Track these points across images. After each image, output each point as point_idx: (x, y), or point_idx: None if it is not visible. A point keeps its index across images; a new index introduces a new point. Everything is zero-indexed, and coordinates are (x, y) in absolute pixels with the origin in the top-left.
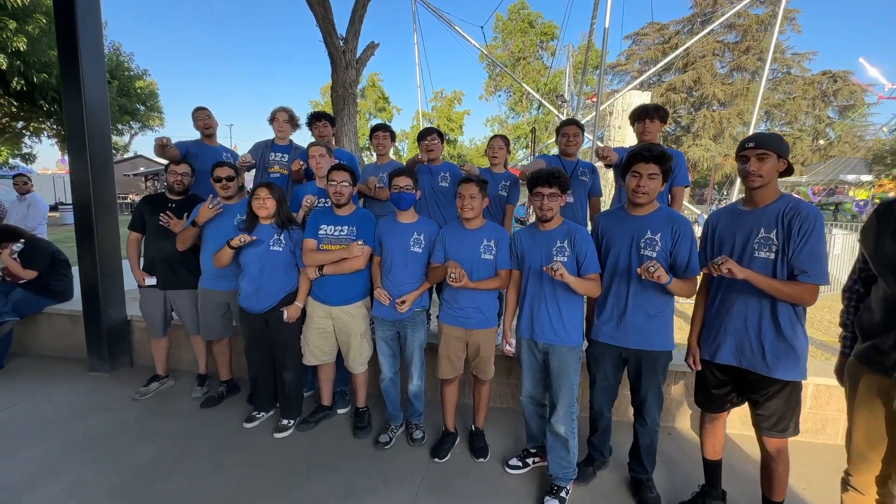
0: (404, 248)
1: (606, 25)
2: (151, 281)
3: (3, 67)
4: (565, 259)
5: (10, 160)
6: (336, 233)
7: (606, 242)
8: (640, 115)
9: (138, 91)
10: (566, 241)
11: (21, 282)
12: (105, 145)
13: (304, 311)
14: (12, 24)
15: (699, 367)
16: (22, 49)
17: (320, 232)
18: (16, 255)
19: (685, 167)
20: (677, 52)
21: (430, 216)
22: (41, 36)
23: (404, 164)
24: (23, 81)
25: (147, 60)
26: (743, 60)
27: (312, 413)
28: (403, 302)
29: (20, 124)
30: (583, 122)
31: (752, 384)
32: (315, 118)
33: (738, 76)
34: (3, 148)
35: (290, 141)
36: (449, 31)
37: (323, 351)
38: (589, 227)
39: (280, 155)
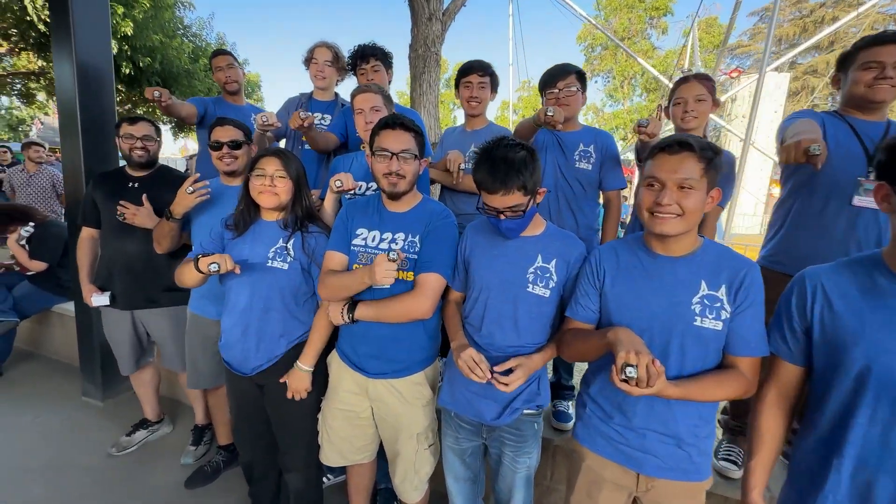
0: (516, 283)
1: None
2: (102, 300)
3: (115, 52)
4: None
5: None
6: (383, 244)
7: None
8: None
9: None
10: None
11: (29, 273)
12: (104, 119)
13: (323, 374)
14: (120, 10)
15: None
16: (129, 34)
17: (356, 241)
18: (24, 242)
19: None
20: (837, 24)
21: (551, 221)
22: (146, 21)
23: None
24: (130, 66)
25: (247, 50)
26: None
27: None
28: (506, 384)
29: (140, 111)
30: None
31: None
32: (360, 56)
33: None
34: None
35: (336, 95)
36: (542, 10)
37: (353, 446)
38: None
39: (320, 116)
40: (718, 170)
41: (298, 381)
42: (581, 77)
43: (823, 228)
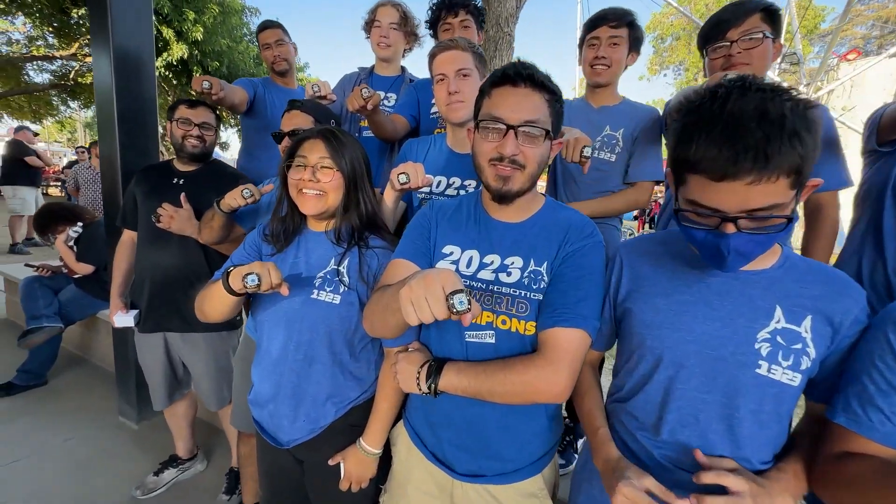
0: (733, 358)
1: None
2: (126, 320)
3: (186, 56)
4: None
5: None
6: (485, 272)
7: None
8: None
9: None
10: None
11: (76, 276)
12: (145, 109)
13: (384, 458)
14: (192, 16)
15: None
16: (199, 39)
17: (443, 265)
18: (72, 243)
19: None
20: None
21: None
22: (215, 26)
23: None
24: (200, 70)
25: (309, 54)
26: None
27: None
28: None
29: None
30: (818, 93)
31: None
32: (448, 6)
33: None
34: None
35: (403, 69)
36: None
37: None
38: None
39: (384, 94)
40: None
41: (361, 468)
42: (771, 16)
43: None
